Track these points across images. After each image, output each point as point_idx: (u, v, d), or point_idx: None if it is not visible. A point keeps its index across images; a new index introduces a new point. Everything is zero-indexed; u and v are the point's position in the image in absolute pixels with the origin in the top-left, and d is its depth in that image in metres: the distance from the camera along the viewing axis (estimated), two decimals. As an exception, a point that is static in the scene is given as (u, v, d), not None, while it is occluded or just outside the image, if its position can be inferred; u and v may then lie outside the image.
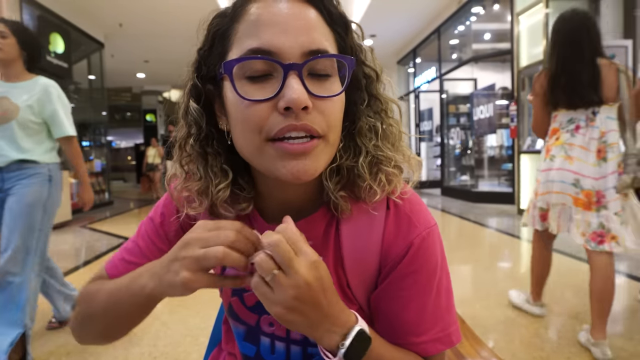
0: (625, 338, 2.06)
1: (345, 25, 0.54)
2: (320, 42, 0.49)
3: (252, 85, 0.48)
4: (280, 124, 0.47)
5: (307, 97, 0.46)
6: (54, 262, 2.34)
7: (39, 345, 2.13)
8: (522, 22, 5.73)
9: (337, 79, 0.51)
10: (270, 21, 0.48)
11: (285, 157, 0.48)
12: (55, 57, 6.76)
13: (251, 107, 0.48)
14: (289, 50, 0.47)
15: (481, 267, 3.49)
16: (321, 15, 0.51)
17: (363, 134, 0.56)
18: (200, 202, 0.57)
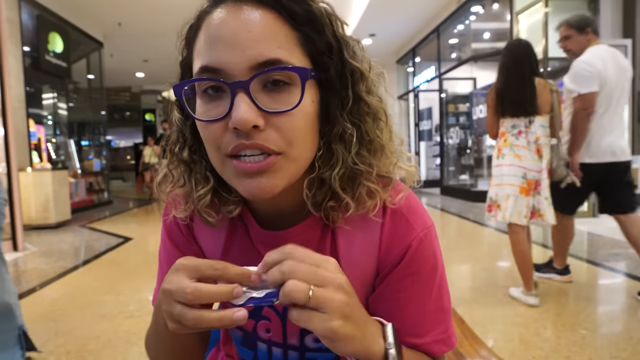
0: (624, 337, 2.06)
1: (315, 22, 0.48)
2: (270, 52, 0.45)
3: (208, 102, 0.47)
4: (232, 143, 0.46)
5: (255, 116, 0.44)
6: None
7: (39, 344, 2.12)
8: (522, 21, 5.73)
9: (300, 87, 0.46)
10: (218, 37, 0.46)
11: (241, 175, 0.47)
12: (54, 57, 6.75)
13: (207, 126, 0.48)
14: (235, 67, 0.45)
15: (480, 266, 3.49)
16: (280, 18, 0.47)
17: (339, 141, 0.51)
18: (185, 206, 0.59)
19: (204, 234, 0.63)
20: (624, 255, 3.52)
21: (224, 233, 0.61)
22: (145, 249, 4.60)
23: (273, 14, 0.47)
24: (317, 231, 0.57)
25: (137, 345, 2.10)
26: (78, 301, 2.79)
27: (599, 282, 3.03)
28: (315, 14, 0.49)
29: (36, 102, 6.80)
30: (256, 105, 0.45)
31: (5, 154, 4.18)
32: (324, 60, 0.49)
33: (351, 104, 0.52)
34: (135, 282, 3.31)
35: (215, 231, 0.61)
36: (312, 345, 0.60)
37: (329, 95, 0.51)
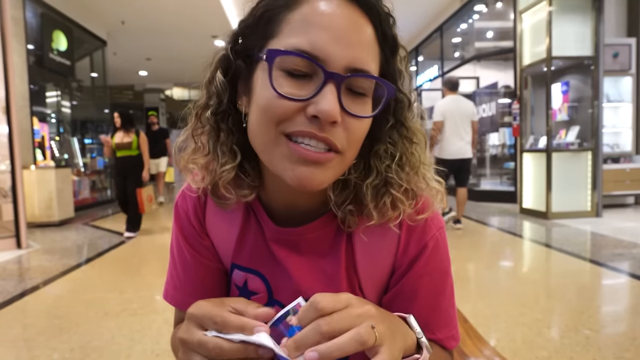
0: (628, 338, 2.05)
1: (394, 48, 0.52)
2: (367, 61, 0.47)
3: (287, 79, 0.46)
4: (302, 127, 0.45)
5: (338, 111, 0.45)
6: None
7: (43, 341, 2.13)
8: (525, 20, 5.70)
9: (370, 99, 0.49)
10: (326, 24, 0.45)
11: (297, 161, 0.46)
12: (57, 55, 6.76)
13: (279, 100, 0.45)
14: (335, 60, 0.45)
15: (483, 265, 3.49)
16: (375, 34, 0.49)
17: (378, 156, 0.54)
18: (203, 177, 0.56)
19: (216, 228, 0.62)
20: (628, 255, 3.51)
21: (237, 229, 0.60)
22: (148, 247, 4.62)
23: (371, 26, 0.48)
24: (331, 230, 0.57)
25: (141, 342, 2.11)
26: (81, 298, 2.80)
27: (603, 282, 3.02)
28: (396, 40, 0.52)
29: (40, 100, 6.82)
30: (340, 102, 0.45)
31: (10, 151, 4.19)
32: None
33: (392, 125, 0.55)
34: (139, 279, 3.32)
35: (228, 226, 0.61)
36: None
37: (378, 115, 0.52)
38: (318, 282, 0.57)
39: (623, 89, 6.24)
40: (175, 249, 0.65)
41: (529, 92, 6.10)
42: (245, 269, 0.61)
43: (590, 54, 5.26)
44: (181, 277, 0.63)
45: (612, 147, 6.23)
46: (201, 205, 0.62)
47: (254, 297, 0.61)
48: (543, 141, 5.59)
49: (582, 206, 5.35)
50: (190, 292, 0.63)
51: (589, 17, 5.22)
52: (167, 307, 2.58)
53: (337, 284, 0.56)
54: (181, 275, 0.63)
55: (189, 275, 0.63)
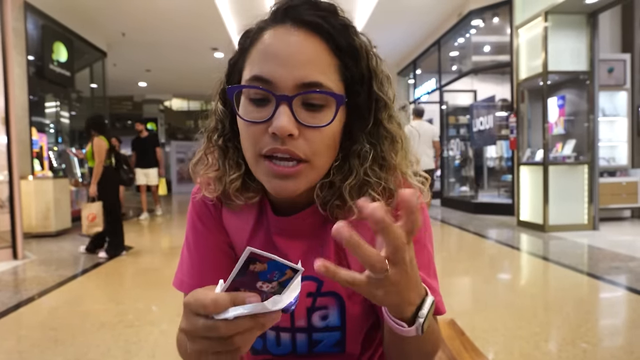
0: (625, 352, 2.05)
1: (355, 55, 0.57)
2: (314, 76, 0.53)
3: (252, 106, 0.55)
4: (269, 145, 0.53)
5: (292, 126, 0.52)
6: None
7: (38, 353, 2.12)
8: (522, 35, 5.78)
9: (333, 108, 0.55)
10: (272, 53, 0.54)
11: (271, 175, 0.55)
12: (58, 66, 6.80)
13: (249, 127, 0.55)
14: (283, 82, 0.52)
15: (481, 278, 3.48)
16: (327, 46, 0.55)
17: (356, 157, 0.60)
18: (216, 187, 0.65)
19: (232, 223, 0.68)
20: (625, 268, 3.51)
21: (250, 224, 0.67)
22: (145, 258, 4.59)
23: (322, 42, 0.55)
24: (318, 218, 0.63)
25: (137, 355, 2.09)
26: (77, 310, 2.78)
27: (600, 295, 3.02)
28: (355, 47, 0.57)
29: (39, 111, 6.85)
30: (294, 118, 0.53)
31: (8, 161, 4.20)
32: (355, 88, 0.58)
33: (371, 126, 0.60)
34: (135, 291, 3.30)
35: (242, 222, 0.67)
36: (319, 324, 0.64)
37: (354, 117, 0.59)
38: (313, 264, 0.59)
39: (618, 104, 6.31)
40: (191, 234, 0.69)
41: (525, 105, 6.16)
42: None
43: (585, 69, 5.32)
44: (195, 262, 0.67)
45: (608, 161, 6.27)
46: (218, 202, 0.69)
47: None
48: (540, 154, 5.62)
49: (579, 219, 5.37)
50: (205, 276, 0.65)
51: (584, 33, 5.30)
52: (164, 318, 2.59)
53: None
54: (196, 260, 0.67)
55: (205, 259, 0.67)
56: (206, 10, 7.23)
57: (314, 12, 0.55)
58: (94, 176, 4.19)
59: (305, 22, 0.54)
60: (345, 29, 0.56)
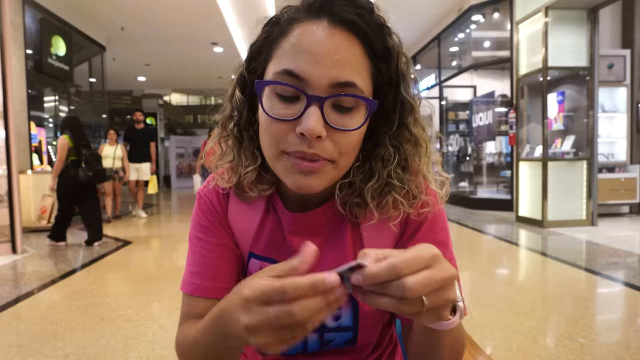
0: (622, 346, 2.06)
1: (387, 57, 0.55)
2: (349, 76, 0.51)
3: (279, 102, 0.52)
4: (294, 147, 0.52)
5: (321, 128, 0.50)
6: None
7: (37, 347, 2.12)
8: (522, 30, 5.76)
9: (363, 111, 0.53)
10: (307, 49, 0.51)
11: (295, 172, 0.53)
12: (56, 60, 6.77)
13: (274, 123, 0.53)
14: (317, 81, 0.50)
15: (479, 273, 3.49)
16: (362, 47, 0.53)
17: (379, 160, 0.59)
18: (230, 178, 0.64)
19: (237, 219, 0.67)
20: (622, 264, 3.52)
21: (257, 220, 0.65)
22: (144, 253, 4.60)
23: (358, 43, 0.53)
24: (335, 215, 0.63)
25: (136, 349, 2.10)
26: (76, 304, 2.79)
27: (598, 290, 3.03)
28: (389, 50, 0.55)
29: (38, 105, 6.82)
30: (324, 119, 0.51)
31: (6, 156, 4.19)
32: (384, 90, 0.56)
33: (396, 129, 0.59)
34: (135, 285, 3.31)
35: (249, 217, 0.66)
36: (331, 324, 0.64)
37: (379, 119, 0.58)
38: (329, 261, 0.61)
39: (618, 100, 6.31)
40: (194, 235, 0.67)
41: (525, 101, 6.15)
42: (261, 258, 0.65)
43: (585, 64, 5.32)
44: (199, 262, 0.65)
45: (607, 157, 6.28)
46: (225, 197, 0.67)
47: None
48: (539, 150, 5.62)
49: (578, 215, 5.38)
50: (208, 275, 0.64)
51: (585, 29, 5.28)
52: (163, 313, 2.59)
53: (344, 260, 0.60)
54: (199, 260, 0.65)
55: (208, 259, 0.65)
56: (205, 4, 7.19)
57: (351, 9, 0.52)
58: (54, 172, 4.56)
59: (342, 20, 0.52)
60: (380, 29, 0.55)
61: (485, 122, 7.33)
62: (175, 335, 0.65)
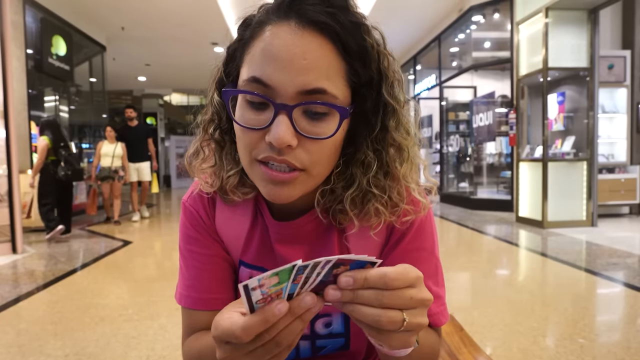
0: (622, 347, 2.06)
1: (364, 57, 0.51)
2: (319, 81, 0.48)
3: (250, 110, 0.51)
4: (265, 153, 0.50)
5: (290, 137, 0.48)
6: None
7: (37, 347, 2.12)
8: (522, 31, 5.76)
9: (337, 117, 0.50)
10: (274, 55, 0.49)
11: (267, 181, 0.52)
12: (57, 60, 6.77)
13: (244, 131, 0.51)
14: (284, 88, 0.48)
15: (479, 274, 3.49)
16: (334, 48, 0.50)
17: (359, 166, 0.56)
18: (213, 182, 0.62)
19: (226, 226, 0.65)
20: (622, 264, 3.52)
21: (246, 228, 0.64)
22: (144, 253, 4.60)
23: (329, 44, 0.49)
24: (321, 223, 0.61)
25: (136, 349, 2.10)
26: (77, 304, 2.79)
27: (597, 291, 3.03)
28: (367, 50, 0.52)
29: (38, 105, 6.82)
30: (294, 127, 0.49)
31: (7, 155, 4.19)
32: (362, 92, 0.53)
33: (377, 132, 0.55)
34: (135, 285, 3.31)
35: (237, 225, 0.64)
36: (323, 331, 0.63)
37: (359, 122, 0.55)
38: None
39: (618, 100, 6.31)
40: (185, 247, 0.66)
41: (525, 102, 6.15)
42: (251, 266, 0.64)
43: (585, 65, 5.32)
44: (193, 275, 0.64)
45: (607, 157, 6.28)
46: (211, 204, 0.65)
47: None
48: (539, 151, 5.63)
49: (578, 215, 5.38)
50: (204, 288, 0.63)
51: (585, 29, 5.28)
52: (163, 313, 2.59)
53: None
54: (193, 273, 0.64)
55: (202, 271, 0.64)
56: (206, 4, 7.20)
57: (322, 8, 0.49)
58: (33, 170, 4.88)
59: (312, 21, 0.49)
60: (356, 27, 0.51)
61: (485, 123, 7.33)
62: (173, 334, 0.65)
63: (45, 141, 4.82)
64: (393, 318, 0.38)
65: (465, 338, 1.14)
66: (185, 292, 0.64)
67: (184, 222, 0.66)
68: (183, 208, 0.66)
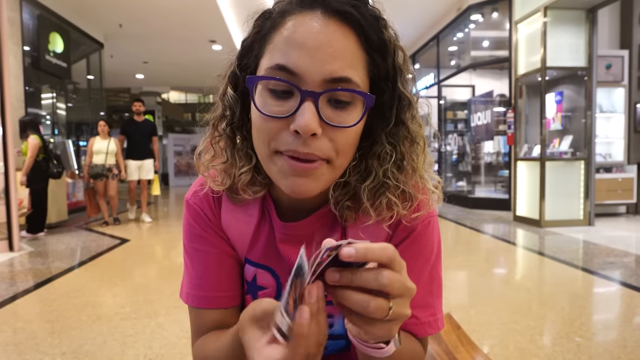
0: (619, 345, 2.07)
1: (383, 50, 0.52)
2: (345, 70, 0.48)
3: (272, 98, 0.50)
4: (288, 146, 0.49)
5: (317, 125, 0.48)
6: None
7: (34, 345, 2.12)
8: (521, 30, 5.77)
9: (360, 106, 0.51)
10: (300, 42, 0.49)
11: (290, 173, 0.51)
12: (54, 57, 6.74)
13: (266, 120, 0.50)
14: (311, 76, 0.48)
15: (477, 273, 3.50)
16: (357, 39, 0.50)
17: (375, 158, 0.56)
18: (223, 180, 0.61)
19: (232, 225, 0.64)
20: (619, 263, 3.54)
21: (252, 227, 0.63)
22: (142, 251, 4.59)
23: (353, 35, 0.50)
24: (328, 222, 0.61)
25: (133, 347, 2.09)
26: (74, 302, 2.78)
27: (594, 290, 3.04)
28: (385, 43, 0.52)
29: (35, 102, 6.79)
30: (319, 116, 0.48)
31: (3, 153, 4.17)
32: (380, 85, 0.54)
33: (392, 126, 0.56)
34: (132, 283, 3.30)
35: (244, 224, 0.63)
36: None
37: (376, 116, 0.55)
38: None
39: (615, 100, 6.32)
40: (190, 246, 0.65)
41: (523, 101, 6.16)
42: (256, 264, 0.63)
43: (583, 64, 5.33)
44: (200, 273, 0.63)
45: (604, 157, 6.30)
46: (216, 202, 0.65)
47: (262, 291, 0.63)
48: (537, 150, 5.64)
49: (575, 215, 5.40)
50: (211, 286, 0.63)
51: (583, 29, 5.29)
52: (160, 311, 2.58)
53: None
54: (200, 271, 0.63)
55: (209, 269, 0.63)
56: (204, 2, 7.17)
57: (346, 0, 0.50)
58: (24, 168, 4.88)
59: (337, 11, 0.49)
60: (376, 21, 0.52)
61: (483, 122, 7.34)
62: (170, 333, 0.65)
63: (36, 140, 4.93)
64: (381, 305, 0.38)
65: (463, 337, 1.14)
66: (192, 291, 0.64)
67: (188, 220, 0.65)
68: (187, 206, 0.65)
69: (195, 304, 0.63)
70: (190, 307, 0.64)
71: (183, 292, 0.66)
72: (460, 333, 1.16)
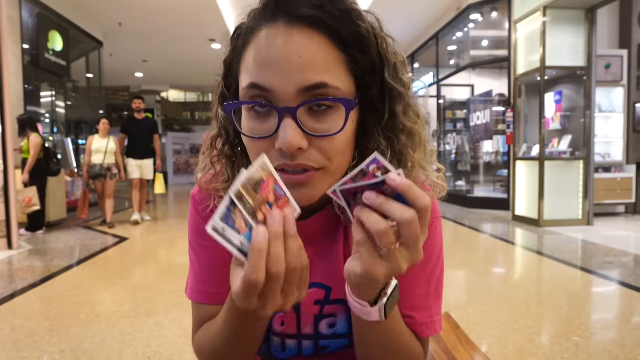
0: (617, 345, 2.07)
1: (361, 44, 0.50)
2: (318, 76, 0.47)
3: (254, 119, 0.50)
4: (277, 161, 0.49)
5: (300, 139, 0.47)
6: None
7: (32, 343, 2.12)
8: (520, 29, 5.77)
9: (343, 110, 0.49)
10: (266, 59, 0.48)
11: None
12: (53, 55, 6.74)
13: (253, 141, 0.50)
14: (283, 90, 0.47)
15: (476, 272, 3.51)
16: (329, 40, 0.49)
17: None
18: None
19: None
20: (618, 263, 3.54)
21: None
22: (141, 249, 4.59)
23: (322, 37, 0.48)
24: (330, 221, 0.61)
25: (132, 345, 2.09)
26: (72, 300, 2.78)
27: (593, 290, 3.05)
28: (362, 36, 0.50)
29: (34, 100, 6.79)
30: (301, 129, 0.47)
31: (2, 151, 4.16)
32: (366, 80, 0.52)
33: (387, 120, 0.54)
34: (131, 282, 3.30)
35: None
36: (326, 332, 0.62)
37: (367, 112, 0.54)
38: (322, 271, 0.61)
39: (615, 100, 6.33)
40: (196, 242, 0.64)
41: (522, 100, 6.16)
42: None
43: (583, 64, 5.33)
44: (206, 269, 0.63)
45: (603, 157, 6.30)
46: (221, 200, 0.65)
47: None
48: (536, 149, 5.64)
49: (574, 214, 5.40)
50: (217, 281, 0.62)
51: (582, 29, 5.29)
52: (159, 309, 2.58)
53: (337, 270, 0.59)
54: (206, 267, 0.63)
55: (215, 265, 0.63)
56: (203, 1, 7.17)
57: (308, 2, 0.48)
58: (27, 167, 4.96)
59: (300, 18, 0.48)
60: (346, 15, 0.49)
61: (482, 121, 7.34)
62: (169, 331, 0.65)
63: (38, 138, 5.02)
64: (390, 233, 0.41)
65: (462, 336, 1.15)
66: (197, 287, 0.64)
67: (194, 216, 0.64)
68: (193, 201, 0.65)
69: (200, 300, 0.63)
70: (194, 303, 0.65)
71: (188, 289, 0.66)
72: (459, 332, 1.16)
